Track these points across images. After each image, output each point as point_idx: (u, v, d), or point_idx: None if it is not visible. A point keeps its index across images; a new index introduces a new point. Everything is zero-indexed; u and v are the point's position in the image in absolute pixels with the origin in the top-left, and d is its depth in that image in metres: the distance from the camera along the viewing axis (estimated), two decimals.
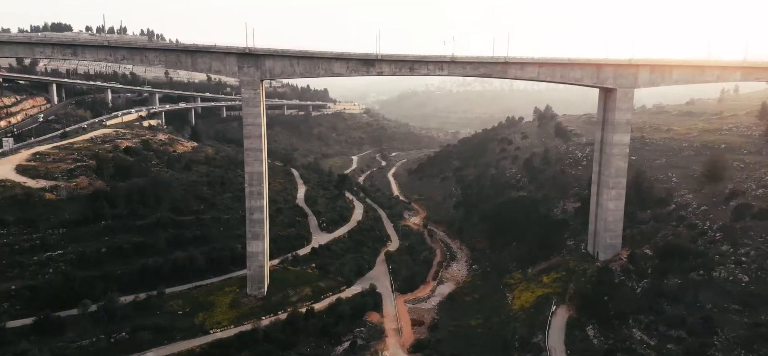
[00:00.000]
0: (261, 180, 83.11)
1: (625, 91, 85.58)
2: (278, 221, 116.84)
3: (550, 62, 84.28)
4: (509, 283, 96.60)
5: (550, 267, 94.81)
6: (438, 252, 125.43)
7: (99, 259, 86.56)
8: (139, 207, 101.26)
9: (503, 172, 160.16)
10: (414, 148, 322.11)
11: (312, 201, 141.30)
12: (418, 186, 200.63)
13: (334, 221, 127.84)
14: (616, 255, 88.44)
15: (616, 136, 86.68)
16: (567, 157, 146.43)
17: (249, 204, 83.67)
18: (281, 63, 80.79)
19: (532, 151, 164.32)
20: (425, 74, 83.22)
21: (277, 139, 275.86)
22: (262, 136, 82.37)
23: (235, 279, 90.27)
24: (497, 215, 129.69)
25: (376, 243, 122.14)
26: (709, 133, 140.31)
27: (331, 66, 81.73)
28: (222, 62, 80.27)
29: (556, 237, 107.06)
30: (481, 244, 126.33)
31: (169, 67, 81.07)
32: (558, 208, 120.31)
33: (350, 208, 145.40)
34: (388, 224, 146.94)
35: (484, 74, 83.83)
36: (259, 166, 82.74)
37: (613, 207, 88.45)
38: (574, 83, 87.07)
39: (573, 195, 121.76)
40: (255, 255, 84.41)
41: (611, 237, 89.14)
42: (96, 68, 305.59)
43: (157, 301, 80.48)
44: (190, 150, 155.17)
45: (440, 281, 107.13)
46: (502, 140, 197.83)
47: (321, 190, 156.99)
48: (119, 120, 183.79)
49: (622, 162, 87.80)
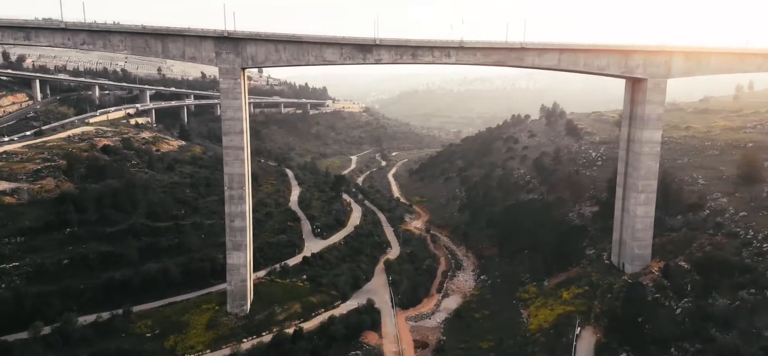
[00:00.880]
0: (243, 182, 72.86)
1: (656, 82, 75.28)
2: (267, 226, 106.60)
3: (573, 48, 73.99)
4: (523, 298, 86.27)
5: (569, 279, 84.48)
6: (442, 260, 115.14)
7: (59, 272, 76.33)
8: (110, 212, 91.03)
9: (511, 172, 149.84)
10: (415, 147, 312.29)
11: (306, 204, 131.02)
12: (419, 188, 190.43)
13: (329, 226, 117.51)
14: (645, 268, 78.15)
15: (645, 132, 76.38)
16: (580, 157, 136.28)
17: (229, 209, 73.41)
18: (265, 48, 70.57)
19: (541, 150, 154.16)
20: (430, 62, 72.97)
21: (273, 137, 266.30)
22: (243, 131, 72.10)
23: (215, 294, 79.92)
24: (506, 219, 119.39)
25: (375, 251, 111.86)
26: (731, 131, 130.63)
27: (323, 52, 71.49)
28: (197, 48, 70.05)
29: (573, 246, 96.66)
30: (489, 251, 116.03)
31: (136, 53, 70.71)
32: (573, 213, 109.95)
33: (347, 211, 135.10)
34: (387, 228, 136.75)
35: (497, 62, 73.54)
36: (241, 167, 72.47)
37: (642, 213, 78.13)
38: (598, 73, 76.83)
39: (589, 198, 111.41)
40: (236, 268, 74.13)
41: (640, 247, 78.83)
42: (86, 65, 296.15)
43: (122, 322, 70.19)
44: (176, 149, 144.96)
45: (445, 294, 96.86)
46: (508, 139, 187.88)
47: (316, 192, 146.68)
48: (104, 118, 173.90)
49: (653, 162, 77.52)
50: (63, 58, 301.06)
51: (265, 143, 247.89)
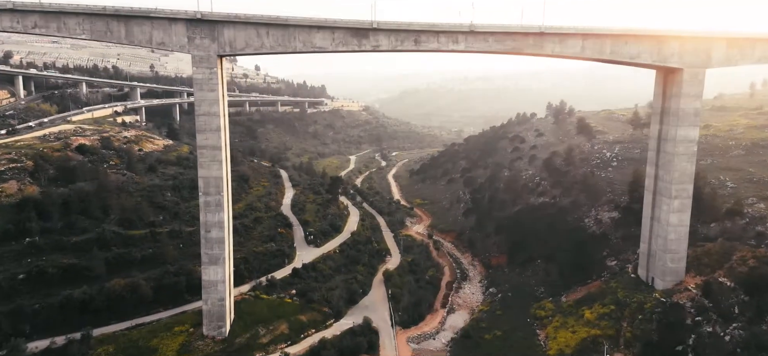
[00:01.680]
0: (220, 187, 63.47)
1: (694, 72, 65.86)
2: (255, 233, 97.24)
3: (599, 34, 64.59)
4: (539, 315, 76.92)
5: (590, 295, 75.06)
6: (446, 270, 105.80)
7: (12, 290, 66.98)
8: (78, 218, 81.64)
9: (519, 173, 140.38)
10: (416, 147, 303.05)
11: (299, 207, 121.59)
12: (421, 189, 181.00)
13: (323, 232, 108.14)
14: (678, 283, 68.85)
15: (680, 129, 66.96)
16: (593, 157, 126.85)
17: (204, 218, 64.05)
18: (245, 33, 61.24)
19: (551, 150, 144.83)
20: (434, 49, 63.62)
21: (269, 137, 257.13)
22: (221, 129, 62.72)
23: (191, 313, 70.51)
24: (516, 225, 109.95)
25: (373, 260, 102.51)
26: (755, 129, 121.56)
27: (312, 37, 62.12)
28: (166, 32, 60.69)
29: (592, 255, 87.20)
30: (497, 260, 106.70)
31: (95, 38, 61.51)
32: (590, 218, 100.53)
33: (344, 216, 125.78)
34: (387, 234, 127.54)
35: (512, 49, 64.15)
36: (218, 169, 63.08)
37: (676, 221, 68.70)
38: (627, 62, 67.43)
39: (607, 203, 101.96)
40: (213, 285, 64.76)
41: (672, 259, 69.40)
42: (77, 62, 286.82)
43: (79, 348, 60.84)
44: (161, 148, 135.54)
45: (451, 309, 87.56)
46: (514, 138, 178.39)
47: (311, 194, 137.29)
48: (88, 116, 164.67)
49: (688, 163, 68.07)
50: (52, 55, 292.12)
51: (260, 142, 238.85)
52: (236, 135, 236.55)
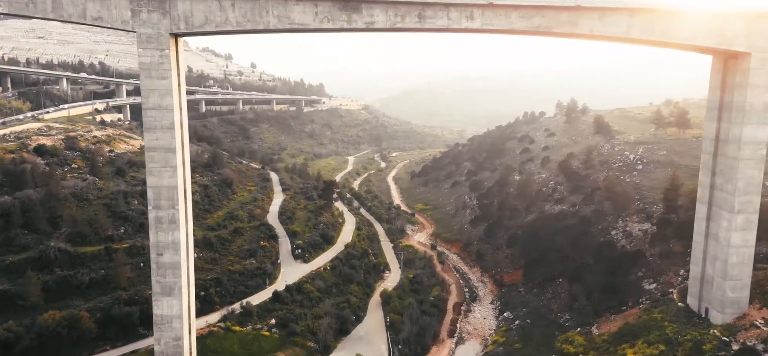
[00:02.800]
0: (174, 199, 50.65)
1: (764, 58, 53.04)
2: (233, 247, 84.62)
3: (650, 9, 51.68)
4: (567, 352, 64.08)
5: (630, 328, 62.19)
6: (453, 288, 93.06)
7: None
8: (19, 233, 68.93)
9: (531, 177, 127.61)
10: (417, 147, 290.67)
11: (288, 215, 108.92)
12: (423, 193, 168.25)
13: (313, 244, 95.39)
14: (741, 317, 56.12)
15: (746, 129, 54.11)
16: (614, 160, 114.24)
17: (155, 238, 51.23)
18: (204, 4, 48.46)
19: (566, 151, 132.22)
20: (443, 27, 50.86)
21: (263, 136, 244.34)
22: (175, 126, 49.87)
23: (144, 352, 57.78)
24: (531, 236, 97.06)
25: (370, 277, 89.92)
26: None
27: (289, 10, 49.30)
28: (104, 3, 47.92)
29: (624, 276, 74.42)
30: (510, 277, 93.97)
31: (15, 12, 48.76)
32: (618, 230, 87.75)
33: (338, 224, 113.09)
34: (386, 244, 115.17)
35: (539, 28, 51.29)
36: (171, 177, 50.24)
37: (740, 241, 55.83)
38: (679, 44, 54.69)
39: (637, 212, 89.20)
40: (166, 321, 51.92)
41: (734, 287, 56.58)
42: (62, 58, 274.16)
43: None
44: (137, 149, 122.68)
45: (460, 338, 74.87)
46: (523, 138, 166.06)
47: (303, 200, 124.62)
48: (64, 114, 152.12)
49: (756, 170, 55.21)
50: (37, 51, 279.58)
51: (253, 142, 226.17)
52: (228, 135, 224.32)
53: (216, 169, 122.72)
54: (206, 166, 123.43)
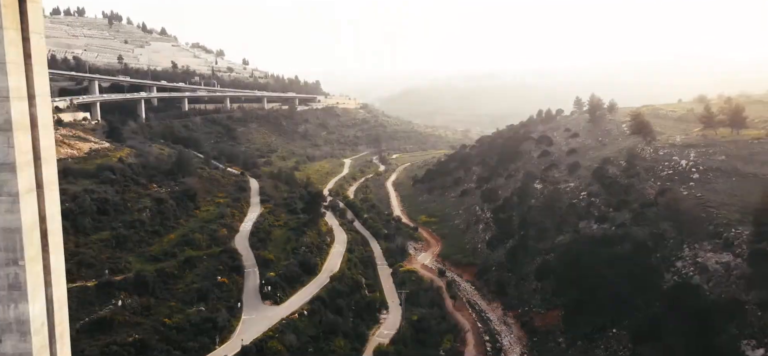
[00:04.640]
0: (15, 250, 29.42)
1: None
2: (178, 288, 63.59)
3: None
4: None
5: None
6: (469, 337, 71.91)
7: None
8: None
9: (557, 185, 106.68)
10: (418, 148, 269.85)
11: (262, 236, 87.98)
12: (426, 202, 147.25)
13: (289, 277, 74.26)
14: None
15: None
16: (661, 166, 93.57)
17: None
18: None
19: (597, 156, 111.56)
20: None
21: (251, 137, 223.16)
22: (13, 127, 28.63)
23: None
24: (570, 266, 75.97)
25: (361, 323, 68.84)
26: None
27: None
28: None
29: (715, 335, 53.34)
30: (544, 320, 72.80)
31: None
32: (687, 263, 66.49)
33: (324, 246, 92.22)
34: (383, 269, 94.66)
35: None
36: (8, 213, 29.09)
37: None
38: None
39: (710, 237, 67.99)
40: None
41: None
42: None
43: None
44: (85, 153, 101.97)
45: None
46: (540, 139, 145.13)
47: (284, 214, 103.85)
48: None
49: None
50: None
51: (239, 144, 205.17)
52: (211, 135, 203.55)
53: (180, 177, 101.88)
54: (168, 173, 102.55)
